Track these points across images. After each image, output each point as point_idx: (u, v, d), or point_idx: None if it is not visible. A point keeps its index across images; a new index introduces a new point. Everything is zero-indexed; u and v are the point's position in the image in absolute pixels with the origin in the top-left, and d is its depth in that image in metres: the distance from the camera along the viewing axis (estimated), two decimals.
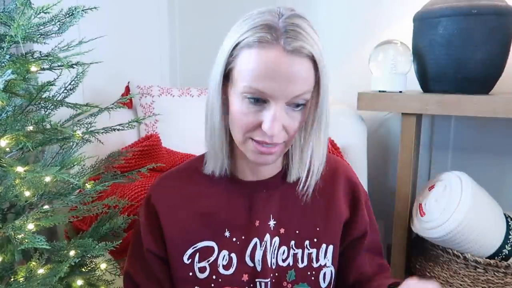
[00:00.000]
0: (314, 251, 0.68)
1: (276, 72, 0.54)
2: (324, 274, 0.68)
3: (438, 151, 1.54)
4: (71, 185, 0.79)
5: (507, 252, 1.13)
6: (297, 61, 0.55)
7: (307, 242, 0.68)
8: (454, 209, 1.12)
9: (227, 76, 0.61)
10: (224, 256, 0.67)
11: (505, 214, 1.19)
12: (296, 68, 0.55)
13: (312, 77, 0.58)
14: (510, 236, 1.14)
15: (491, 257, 1.13)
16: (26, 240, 0.63)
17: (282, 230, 0.68)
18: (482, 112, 1.12)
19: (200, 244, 0.67)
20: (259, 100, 0.57)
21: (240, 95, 0.58)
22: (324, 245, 0.69)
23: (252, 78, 0.55)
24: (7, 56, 0.64)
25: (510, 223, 1.17)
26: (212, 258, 0.67)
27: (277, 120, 0.56)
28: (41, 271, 0.70)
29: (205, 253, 0.67)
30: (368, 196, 0.78)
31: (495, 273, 1.12)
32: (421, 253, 1.31)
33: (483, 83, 1.20)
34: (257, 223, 0.67)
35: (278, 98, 0.56)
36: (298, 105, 0.58)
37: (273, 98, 0.56)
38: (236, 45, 0.57)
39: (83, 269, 0.84)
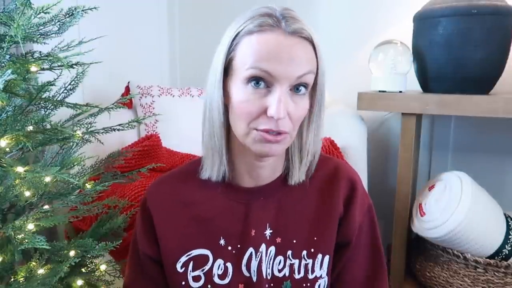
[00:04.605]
0: (310, 261, 0.66)
1: (278, 53, 0.55)
2: (319, 286, 0.66)
3: (438, 151, 1.54)
4: (71, 185, 0.79)
5: (507, 252, 1.13)
6: (298, 42, 0.57)
7: (304, 252, 0.66)
8: (454, 209, 1.12)
9: (226, 71, 0.61)
10: (220, 265, 0.65)
11: (505, 214, 1.19)
12: (298, 48, 0.56)
13: (314, 60, 0.59)
14: (510, 236, 1.14)
15: (491, 257, 1.13)
16: (26, 240, 0.63)
17: (278, 240, 0.66)
18: (482, 112, 1.12)
19: (195, 252, 0.66)
20: (263, 84, 0.57)
21: (243, 81, 0.57)
22: (320, 255, 0.66)
23: (256, 59, 0.56)
24: (7, 56, 0.64)
25: (510, 223, 1.17)
26: (207, 267, 0.65)
27: (282, 102, 0.56)
28: (41, 271, 0.70)
29: (200, 261, 0.65)
30: (373, 214, 0.72)
31: (495, 273, 1.12)
32: (421, 253, 1.31)
33: (482, 83, 1.20)
34: (253, 233, 0.65)
35: (282, 80, 0.56)
36: (299, 89, 0.58)
37: (277, 80, 0.56)
38: (237, 35, 0.58)
39: (83, 269, 0.84)
